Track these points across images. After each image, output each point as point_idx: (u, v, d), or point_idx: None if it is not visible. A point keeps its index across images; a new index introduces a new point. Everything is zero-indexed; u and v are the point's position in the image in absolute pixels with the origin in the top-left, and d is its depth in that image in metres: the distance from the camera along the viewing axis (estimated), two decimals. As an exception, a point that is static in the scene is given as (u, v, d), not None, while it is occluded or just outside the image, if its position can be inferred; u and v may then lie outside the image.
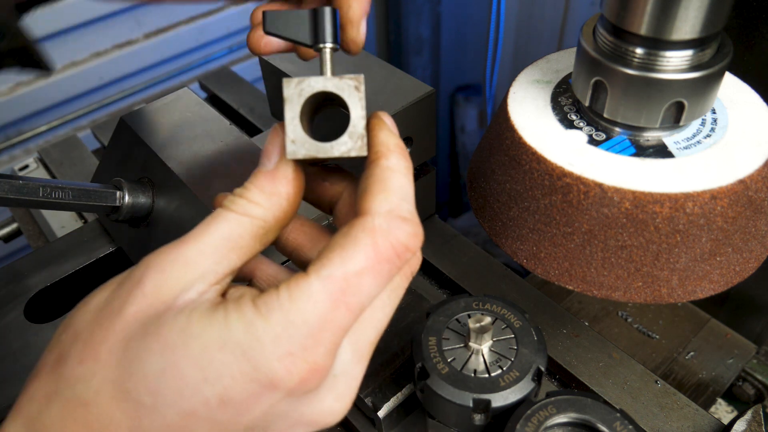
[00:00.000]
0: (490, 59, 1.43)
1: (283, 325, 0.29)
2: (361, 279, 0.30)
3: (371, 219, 0.30)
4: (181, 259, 0.30)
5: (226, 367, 0.28)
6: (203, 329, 0.29)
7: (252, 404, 0.29)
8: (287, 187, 0.33)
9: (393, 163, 0.33)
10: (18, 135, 1.33)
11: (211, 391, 0.29)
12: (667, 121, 0.42)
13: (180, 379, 0.28)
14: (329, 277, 0.29)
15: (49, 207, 0.54)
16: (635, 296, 0.44)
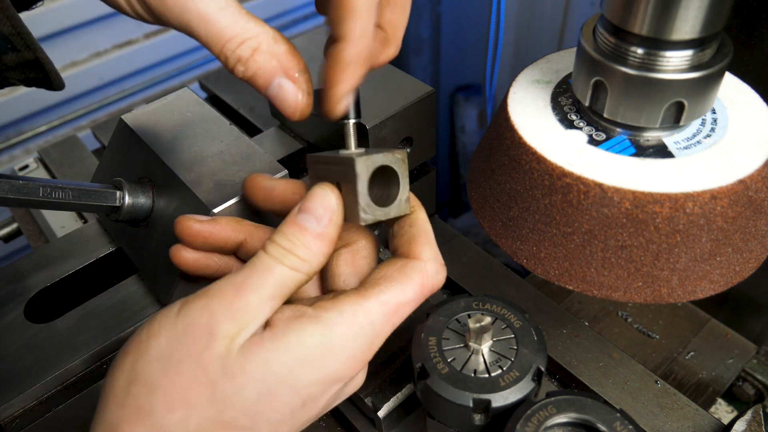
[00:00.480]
0: (490, 59, 1.43)
1: (349, 338, 0.36)
2: (406, 307, 0.39)
3: (425, 264, 0.39)
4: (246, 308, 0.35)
5: (309, 378, 0.35)
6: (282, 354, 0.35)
7: (323, 396, 0.37)
8: (330, 248, 0.39)
9: (423, 216, 0.42)
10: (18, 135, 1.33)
11: (297, 399, 0.35)
12: (667, 121, 0.42)
13: (274, 399, 0.35)
14: (387, 303, 0.37)
15: (49, 207, 0.53)
16: (635, 296, 0.44)
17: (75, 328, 0.60)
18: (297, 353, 0.35)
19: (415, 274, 0.39)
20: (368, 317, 0.37)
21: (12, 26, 0.42)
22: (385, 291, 0.37)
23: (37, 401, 0.56)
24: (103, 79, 1.38)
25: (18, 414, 0.56)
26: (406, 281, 0.38)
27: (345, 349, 0.36)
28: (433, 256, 0.40)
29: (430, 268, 0.39)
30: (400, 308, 0.38)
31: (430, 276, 0.39)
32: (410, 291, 0.38)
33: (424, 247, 0.40)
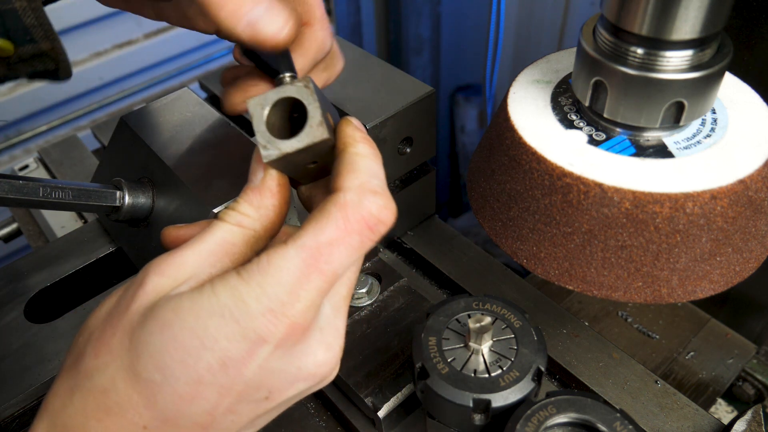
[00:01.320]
0: (490, 59, 1.43)
1: (263, 286, 0.32)
2: (332, 248, 0.33)
3: (342, 194, 0.34)
4: (178, 261, 0.35)
5: (220, 331, 0.32)
6: (193, 302, 0.33)
7: (248, 361, 0.33)
8: (272, 200, 0.37)
9: (360, 149, 0.36)
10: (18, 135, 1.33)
11: (210, 355, 0.32)
12: (667, 121, 0.42)
13: (181, 350, 0.32)
14: (302, 246, 0.33)
15: (49, 207, 0.53)
16: (635, 296, 0.44)
17: (75, 328, 0.60)
18: (206, 303, 0.32)
19: (334, 209, 0.33)
20: (285, 265, 0.33)
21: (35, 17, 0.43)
22: (301, 234, 0.33)
23: (37, 401, 0.56)
24: (103, 79, 1.38)
25: (18, 414, 0.56)
26: (324, 219, 0.33)
27: (259, 299, 0.32)
28: (357, 183, 0.34)
29: (350, 197, 0.33)
30: (323, 250, 0.33)
31: (353, 205, 0.33)
32: (330, 228, 0.33)
33: (346, 177, 0.35)
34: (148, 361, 0.32)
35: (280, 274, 0.33)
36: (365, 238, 0.34)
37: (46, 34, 0.44)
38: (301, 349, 0.35)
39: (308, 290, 0.33)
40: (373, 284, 0.62)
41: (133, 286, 0.35)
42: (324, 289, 0.34)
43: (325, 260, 0.33)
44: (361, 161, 0.36)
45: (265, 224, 0.37)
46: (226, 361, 0.32)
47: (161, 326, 0.32)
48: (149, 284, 0.34)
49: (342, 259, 0.34)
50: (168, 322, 0.32)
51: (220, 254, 0.35)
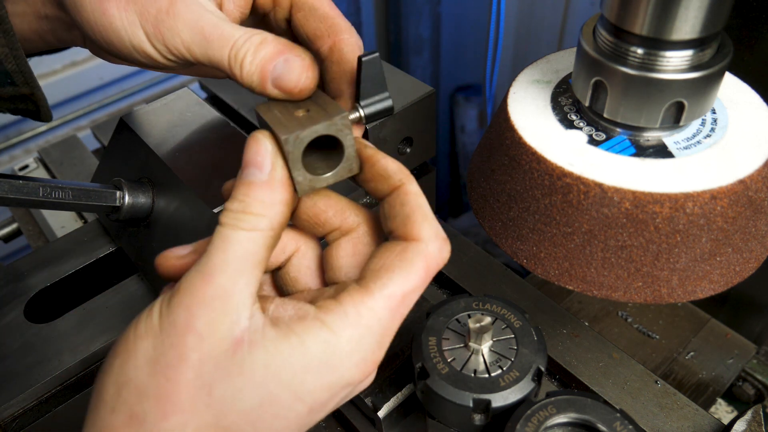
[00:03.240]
0: (490, 59, 1.43)
1: (357, 339, 0.34)
2: (413, 295, 0.36)
3: (425, 245, 0.36)
4: (219, 293, 0.32)
5: (314, 384, 0.33)
6: (285, 358, 0.33)
7: (332, 403, 0.36)
8: (284, 193, 0.35)
9: (415, 189, 0.37)
10: (18, 135, 1.33)
11: (302, 405, 0.34)
12: (667, 121, 0.42)
13: (276, 405, 0.33)
14: (391, 296, 0.35)
15: (49, 207, 0.53)
16: (635, 296, 0.44)
17: (75, 328, 0.60)
18: (300, 358, 0.33)
19: (417, 259, 0.35)
20: (374, 315, 0.34)
21: (17, 64, 0.45)
22: (388, 284, 0.34)
23: (37, 401, 0.56)
24: (103, 79, 1.38)
25: (18, 414, 0.56)
26: (409, 268, 0.35)
27: (353, 352, 0.34)
28: (434, 233, 0.36)
29: (432, 249, 0.36)
30: (406, 298, 0.35)
31: (433, 256, 0.36)
32: (414, 278, 0.35)
33: (422, 226, 0.36)
34: (239, 417, 0.32)
35: (372, 325, 0.34)
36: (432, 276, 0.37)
37: (26, 80, 0.46)
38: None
39: (390, 335, 0.36)
40: (373, 284, 0.62)
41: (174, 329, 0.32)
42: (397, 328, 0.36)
43: (406, 306, 0.35)
44: (426, 206, 0.37)
45: (281, 221, 0.36)
46: (314, 406, 0.34)
47: (254, 384, 0.32)
48: (200, 326, 0.32)
49: (414, 301, 0.36)
50: (262, 380, 0.32)
51: (249, 268, 0.34)
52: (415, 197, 0.37)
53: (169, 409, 0.31)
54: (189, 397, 0.31)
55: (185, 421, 0.31)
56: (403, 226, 0.36)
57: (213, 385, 0.32)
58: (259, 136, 0.36)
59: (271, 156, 0.35)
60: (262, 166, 0.35)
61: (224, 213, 0.34)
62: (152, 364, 0.32)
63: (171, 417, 0.31)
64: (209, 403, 0.32)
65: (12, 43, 0.43)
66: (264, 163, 0.35)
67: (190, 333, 0.32)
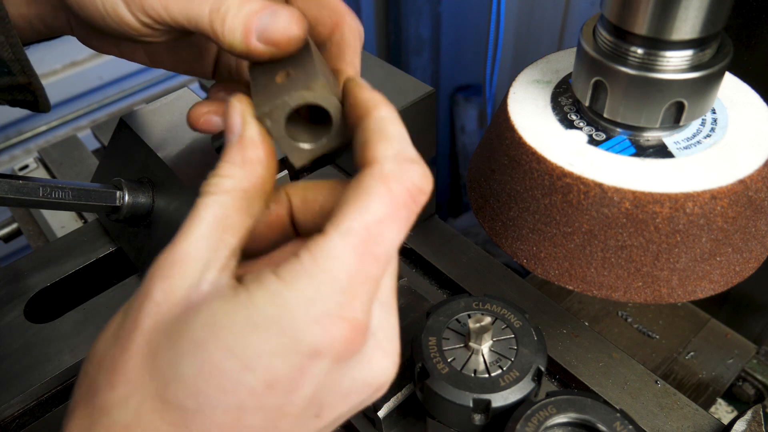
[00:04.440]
0: (490, 59, 1.43)
1: (313, 287, 0.27)
2: (382, 227, 0.29)
3: (380, 166, 0.30)
4: (179, 259, 0.29)
5: (264, 347, 0.27)
6: (229, 315, 0.28)
7: (300, 379, 0.28)
8: (256, 151, 0.32)
9: (385, 113, 0.32)
10: (18, 135, 1.33)
11: (253, 377, 0.27)
12: (667, 121, 0.42)
13: (219, 373, 0.27)
14: (349, 231, 0.28)
15: (49, 207, 0.53)
16: (635, 296, 0.44)
17: (75, 328, 0.60)
18: (244, 315, 0.27)
19: (373, 182, 0.29)
20: (332, 256, 0.28)
21: (13, 53, 0.43)
22: (343, 219, 0.28)
23: (37, 401, 0.56)
24: (103, 79, 1.38)
25: (18, 414, 0.56)
26: (366, 195, 0.29)
27: (310, 304, 0.27)
28: (393, 153, 0.30)
29: (389, 168, 0.29)
30: (372, 231, 0.28)
31: (394, 177, 0.29)
32: (376, 205, 0.28)
33: (378, 146, 0.30)
34: (179, 387, 0.27)
35: (331, 269, 0.28)
36: (410, 211, 0.30)
37: (23, 68, 0.44)
38: (358, 358, 0.30)
39: (365, 283, 0.28)
40: (373, 284, 0.62)
41: (137, 300, 0.30)
42: (379, 276, 0.29)
43: (376, 242, 0.28)
44: (391, 126, 0.31)
45: (254, 182, 0.32)
46: (273, 383, 0.27)
47: (193, 346, 0.27)
48: (156, 292, 0.29)
49: (393, 238, 0.29)
50: (201, 342, 0.27)
51: (218, 233, 0.30)
52: (378, 120, 0.32)
53: (116, 380, 0.28)
54: (136, 366, 0.28)
55: (129, 392, 0.28)
56: (360, 153, 0.31)
57: (157, 351, 0.28)
58: (231, 100, 0.34)
59: (240, 116, 0.33)
60: (233, 128, 0.33)
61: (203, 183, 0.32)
62: (114, 336, 0.30)
63: (117, 388, 0.28)
64: (153, 371, 0.28)
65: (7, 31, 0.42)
66: (234, 124, 0.33)
67: (147, 300, 0.29)
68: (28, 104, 0.48)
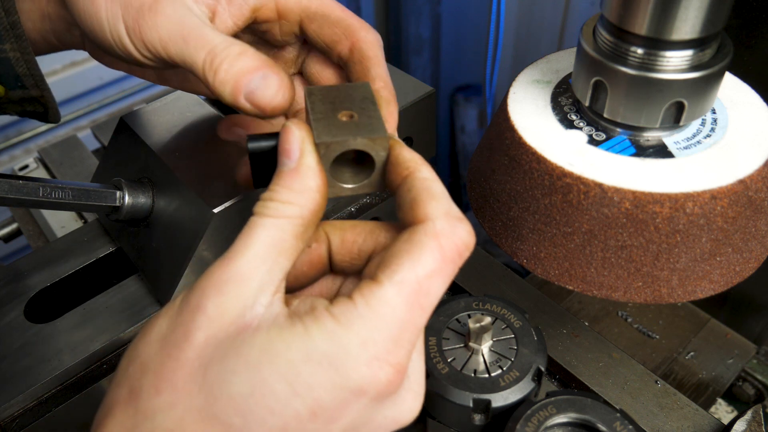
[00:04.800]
0: (490, 59, 1.43)
1: (367, 332, 0.30)
2: (432, 281, 0.31)
3: (432, 223, 0.32)
4: (235, 277, 0.31)
5: (315, 379, 0.29)
6: (286, 344, 0.30)
7: (342, 412, 0.30)
8: (315, 180, 0.34)
9: (428, 174, 0.34)
10: (18, 135, 1.33)
11: (301, 404, 0.29)
12: (667, 121, 0.42)
13: (270, 396, 0.29)
14: (402, 282, 0.30)
15: (49, 207, 0.53)
16: (635, 296, 0.44)
17: (75, 328, 0.60)
18: (301, 347, 0.29)
19: (426, 239, 0.31)
20: (386, 305, 0.30)
21: (27, 68, 0.45)
22: (397, 270, 0.31)
23: (37, 401, 0.56)
24: (103, 79, 1.38)
25: (18, 414, 0.56)
26: (418, 250, 0.31)
27: (362, 347, 0.29)
28: (443, 211, 0.32)
29: (441, 226, 0.32)
30: (422, 285, 0.31)
31: (445, 234, 0.31)
32: (427, 260, 0.31)
33: (429, 205, 0.33)
34: (229, 404, 0.29)
35: (384, 317, 0.30)
36: (456, 266, 0.32)
37: (36, 82, 0.46)
38: (392, 398, 0.32)
39: (410, 331, 0.31)
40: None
41: (187, 309, 0.31)
42: (423, 325, 0.31)
43: (425, 294, 0.31)
44: (435, 186, 0.34)
45: (311, 209, 0.34)
46: (317, 411, 0.30)
47: (247, 366, 0.29)
48: (210, 307, 0.30)
49: (439, 290, 0.31)
50: (256, 364, 0.29)
51: (274, 255, 0.32)
52: (423, 181, 0.34)
53: (163, 386, 0.30)
54: (185, 376, 0.30)
55: (175, 400, 0.29)
56: (410, 210, 0.33)
57: (209, 366, 0.30)
58: (290, 125, 0.35)
59: (299, 143, 0.34)
60: (290, 154, 0.34)
61: (257, 203, 0.33)
62: (161, 342, 0.31)
63: (163, 394, 0.30)
64: (202, 384, 0.29)
65: (23, 48, 0.44)
66: (292, 150, 0.34)
67: (200, 313, 0.30)
68: (38, 115, 0.49)
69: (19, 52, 0.43)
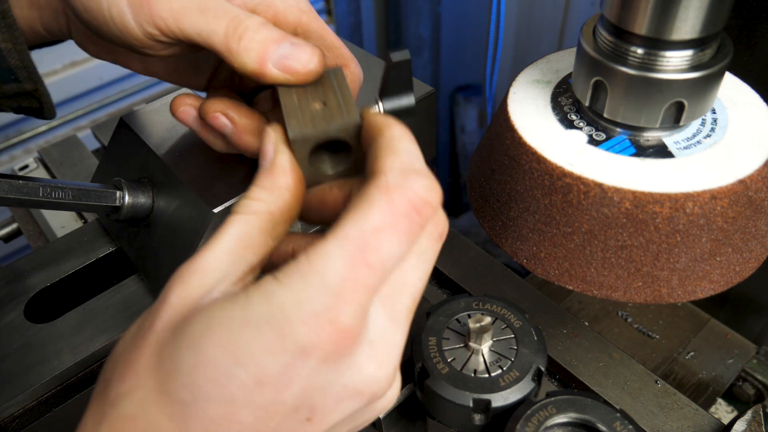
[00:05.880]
0: (490, 59, 1.43)
1: (304, 289, 0.28)
2: (379, 237, 0.29)
3: (383, 176, 0.30)
4: (200, 268, 0.32)
5: (253, 344, 0.28)
6: (226, 313, 0.29)
7: (288, 378, 0.29)
8: (286, 179, 0.34)
9: (396, 132, 0.33)
10: (18, 135, 1.33)
11: (245, 373, 0.28)
12: (667, 121, 0.42)
13: (212, 367, 0.28)
14: (345, 238, 0.29)
15: (49, 207, 0.53)
16: (635, 296, 0.44)
17: (75, 328, 0.60)
18: (239, 313, 0.29)
19: (375, 192, 0.29)
20: (326, 261, 0.28)
21: (20, 59, 0.44)
22: (343, 225, 0.29)
23: (37, 401, 0.56)
24: (103, 79, 1.38)
25: (18, 414, 0.56)
26: (366, 204, 0.29)
27: (300, 303, 0.28)
28: (398, 164, 0.31)
29: (392, 179, 0.30)
30: (369, 240, 0.29)
31: (396, 188, 0.29)
32: (374, 214, 0.29)
33: (385, 159, 0.31)
34: (178, 380, 0.29)
35: (324, 272, 0.28)
36: (413, 223, 0.30)
37: (30, 75, 0.45)
38: (347, 363, 0.30)
39: (356, 289, 0.29)
40: (373, 284, 0.62)
41: (156, 303, 0.32)
42: (373, 287, 0.30)
43: (371, 251, 0.29)
44: (400, 143, 0.32)
45: (280, 206, 0.34)
46: (262, 379, 0.28)
47: (191, 341, 0.29)
48: (172, 296, 0.31)
49: (391, 248, 0.29)
50: (198, 337, 0.29)
51: (240, 249, 0.32)
52: (389, 139, 0.32)
53: (127, 374, 0.30)
54: (144, 361, 0.30)
55: (136, 384, 0.30)
56: (368, 169, 0.32)
57: (163, 348, 0.30)
58: (267, 128, 0.35)
59: (273, 144, 0.35)
60: (266, 155, 0.35)
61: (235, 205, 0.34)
62: (132, 336, 0.32)
63: (126, 380, 0.30)
64: (157, 366, 0.30)
65: (15, 38, 0.43)
66: (267, 152, 0.35)
67: (164, 303, 0.31)
68: (34, 111, 0.48)
69: (11, 42, 0.43)
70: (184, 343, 0.29)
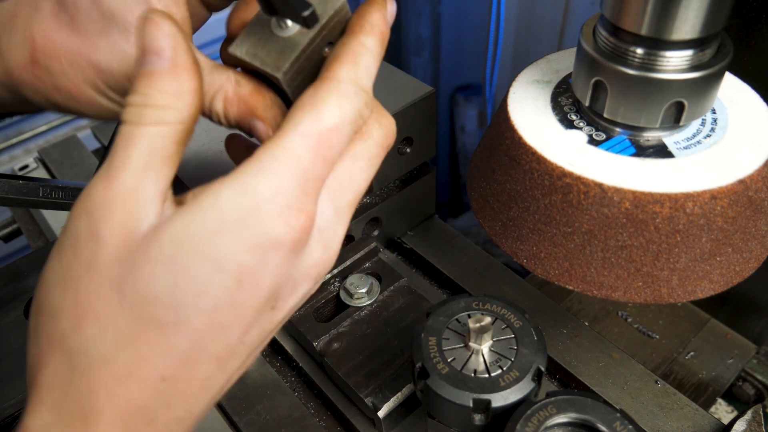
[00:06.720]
0: (490, 59, 1.43)
1: (277, 182, 0.29)
2: (331, 135, 0.32)
3: (337, 83, 0.32)
4: (120, 194, 0.29)
5: (234, 244, 0.29)
6: (196, 223, 0.29)
7: (264, 272, 0.30)
8: (191, 81, 0.31)
9: (370, 44, 0.35)
10: (18, 135, 1.33)
11: (226, 276, 0.29)
12: (667, 121, 0.42)
13: (193, 280, 0.28)
14: (306, 133, 0.31)
15: (49, 207, 0.53)
16: (635, 296, 0.44)
17: (75, 328, 0.60)
18: (213, 219, 0.29)
19: (331, 97, 0.32)
20: (290, 154, 0.30)
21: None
22: (300, 122, 0.31)
23: (37, 401, 0.56)
24: (103, 79, 1.37)
25: (18, 414, 0.56)
26: (323, 105, 0.31)
27: (272, 199, 0.29)
28: (352, 77, 0.33)
29: (345, 89, 0.32)
30: (324, 136, 0.31)
31: (348, 96, 0.32)
32: (329, 115, 0.31)
33: (345, 67, 0.33)
34: (156, 305, 0.28)
35: (290, 167, 0.30)
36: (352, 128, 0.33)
37: None
38: (306, 250, 0.32)
39: (315, 180, 0.31)
40: (373, 284, 0.62)
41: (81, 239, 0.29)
42: (324, 176, 0.32)
43: (326, 146, 0.31)
44: (365, 57, 0.34)
45: (190, 112, 0.31)
46: (242, 278, 0.29)
47: (165, 263, 0.28)
48: (104, 231, 0.29)
49: (340, 146, 0.32)
50: (172, 256, 0.28)
51: (157, 165, 0.30)
52: (360, 47, 0.34)
53: (83, 321, 0.29)
54: (101, 303, 0.29)
55: (102, 328, 0.29)
56: (329, 65, 0.33)
57: (122, 284, 0.28)
58: (153, 17, 0.30)
59: (171, 39, 0.30)
60: (161, 52, 0.30)
61: (125, 109, 0.30)
62: (61, 282, 0.30)
63: (86, 327, 0.29)
64: (122, 303, 0.28)
65: None
66: (163, 48, 0.30)
67: (93, 239, 0.29)
68: None
69: None
70: (157, 269, 0.28)
